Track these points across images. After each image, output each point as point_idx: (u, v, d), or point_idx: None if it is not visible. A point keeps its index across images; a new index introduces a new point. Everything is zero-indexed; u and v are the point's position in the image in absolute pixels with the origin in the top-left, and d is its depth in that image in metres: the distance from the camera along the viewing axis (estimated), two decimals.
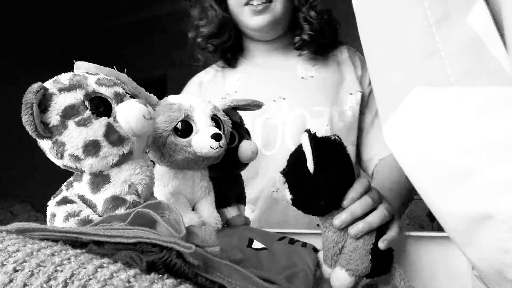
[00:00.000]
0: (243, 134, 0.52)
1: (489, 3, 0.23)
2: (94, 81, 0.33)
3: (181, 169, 0.45)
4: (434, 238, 0.49)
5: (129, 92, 0.36)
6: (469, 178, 0.23)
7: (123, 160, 0.34)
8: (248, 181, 0.78)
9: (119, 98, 0.34)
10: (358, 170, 0.82)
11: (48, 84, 0.32)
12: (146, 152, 0.43)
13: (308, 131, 0.41)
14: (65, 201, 0.33)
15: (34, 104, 0.29)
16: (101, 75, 0.35)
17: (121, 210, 0.32)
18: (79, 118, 0.31)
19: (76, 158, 0.32)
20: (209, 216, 0.46)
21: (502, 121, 0.22)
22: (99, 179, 0.33)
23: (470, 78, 0.23)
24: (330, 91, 0.76)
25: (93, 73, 0.35)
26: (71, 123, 0.31)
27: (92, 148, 0.32)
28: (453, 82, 0.23)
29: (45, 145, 0.32)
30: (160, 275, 0.21)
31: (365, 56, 0.32)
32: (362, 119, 0.79)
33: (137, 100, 0.35)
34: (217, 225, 0.46)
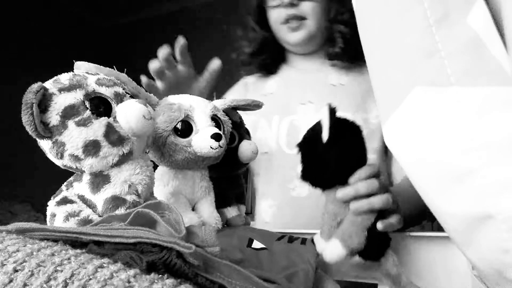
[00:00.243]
0: (243, 134, 0.52)
1: (489, 3, 0.23)
2: (94, 81, 0.33)
3: (181, 169, 0.45)
4: (434, 238, 0.49)
5: (129, 92, 0.36)
6: (469, 178, 0.23)
7: (123, 160, 0.34)
8: (267, 177, 0.81)
9: (119, 98, 0.34)
10: (387, 181, 0.81)
11: (48, 84, 0.32)
12: (146, 152, 0.43)
13: (329, 105, 0.42)
14: (65, 201, 0.33)
15: (34, 104, 0.29)
16: (101, 75, 0.35)
17: (121, 210, 0.32)
18: (79, 118, 0.31)
19: (76, 158, 0.32)
20: (209, 216, 0.46)
21: (502, 121, 0.22)
22: (99, 179, 0.33)
23: (470, 78, 0.23)
24: (356, 99, 0.78)
25: (93, 73, 0.35)
26: (71, 123, 0.31)
27: (92, 148, 0.32)
28: (453, 82, 0.23)
29: (45, 145, 0.32)
30: (160, 275, 0.21)
31: (365, 56, 0.32)
32: None
33: (137, 100, 0.35)
34: (217, 225, 0.46)
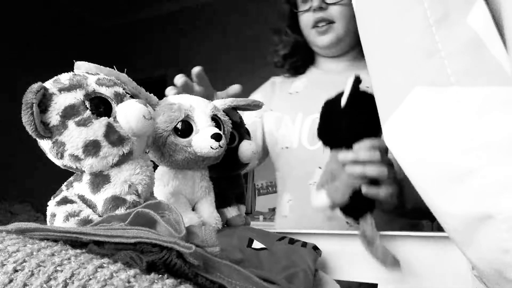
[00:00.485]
0: (243, 134, 0.52)
1: (489, 3, 0.23)
2: (94, 81, 0.33)
3: (181, 169, 0.45)
4: (434, 238, 0.49)
5: (129, 92, 0.36)
6: (469, 178, 0.23)
7: (123, 160, 0.34)
8: (287, 172, 0.83)
9: (119, 98, 0.34)
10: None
11: (48, 84, 0.32)
12: (146, 152, 0.43)
13: (356, 76, 0.47)
14: (65, 201, 0.33)
15: (34, 104, 0.29)
16: (101, 75, 0.35)
17: (121, 210, 0.32)
18: (79, 118, 0.31)
19: (76, 158, 0.32)
20: (209, 216, 0.46)
21: (502, 121, 0.22)
22: (99, 179, 0.33)
23: (470, 78, 0.23)
24: None
25: (93, 73, 0.35)
26: (71, 123, 0.31)
27: (92, 148, 0.32)
28: (453, 82, 0.23)
29: (45, 145, 0.32)
30: (160, 275, 0.21)
31: (365, 56, 0.32)
32: None
33: (137, 100, 0.35)
34: (217, 225, 0.46)
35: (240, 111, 0.55)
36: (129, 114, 0.33)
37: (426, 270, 0.49)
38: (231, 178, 0.54)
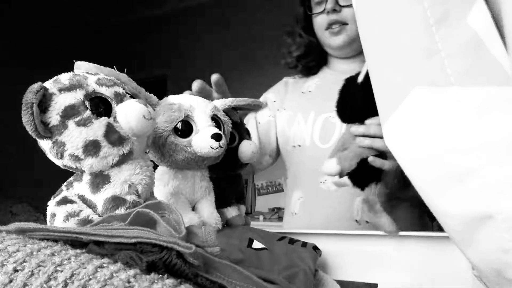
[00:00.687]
0: (243, 134, 0.52)
1: (489, 3, 0.23)
2: (94, 81, 0.33)
3: (181, 169, 0.45)
4: (434, 238, 0.49)
5: (129, 92, 0.36)
6: (469, 178, 0.23)
7: (123, 160, 0.34)
8: (298, 170, 0.84)
9: (119, 98, 0.34)
10: None
11: (48, 84, 0.32)
12: (146, 152, 0.43)
13: None
14: (65, 201, 0.33)
15: (34, 104, 0.29)
16: (101, 75, 0.35)
17: (121, 210, 0.32)
18: (79, 118, 0.31)
19: (76, 158, 0.32)
20: (209, 216, 0.46)
21: (502, 121, 0.22)
22: (99, 179, 0.33)
23: (470, 78, 0.23)
24: None
25: (93, 73, 0.35)
26: (71, 123, 0.31)
27: (92, 148, 0.32)
28: (453, 82, 0.23)
29: (45, 145, 0.32)
30: (160, 275, 0.21)
31: (365, 56, 0.32)
32: None
33: (137, 100, 0.35)
34: (217, 225, 0.46)
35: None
36: (129, 114, 0.33)
37: (426, 270, 0.49)
38: (231, 178, 0.54)
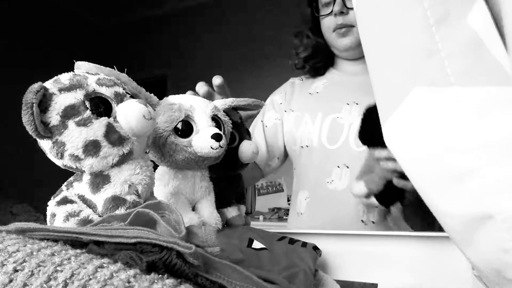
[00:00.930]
0: (244, 134, 0.52)
1: (489, 3, 0.23)
2: (94, 81, 0.33)
3: (181, 169, 0.45)
4: (434, 238, 0.49)
5: (129, 92, 0.36)
6: (469, 178, 0.23)
7: (123, 160, 0.34)
8: (305, 170, 0.85)
9: (119, 98, 0.34)
10: None
11: (48, 84, 0.32)
12: (146, 152, 0.43)
13: None
14: (65, 201, 0.33)
15: (34, 104, 0.29)
16: (102, 75, 0.35)
17: (121, 210, 0.32)
18: (79, 118, 0.31)
19: (76, 158, 0.32)
20: (209, 216, 0.46)
21: (502, 121, 0.22)
22: (99, 179, 0.33)
23: (470, 78, 0.23)
24: None
25: (93, 73, 0.35)
26: (71, 123, 0.31)
27: (92, 148, 0.32)
28: (453, 82, 0.23)
29: (45, 145, 0.32)
30: (160, 275, 0.21)
31: (365, 56, 0.32)
32: None
33: (137, 100, 0.35)
34: (217, 225, 0.46)
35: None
36: (129, 114, 0.33)
37: (426, 270, 0.49)
38: (231, 178, 0.54)
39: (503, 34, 0.23)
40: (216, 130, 0.42)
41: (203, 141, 0.41)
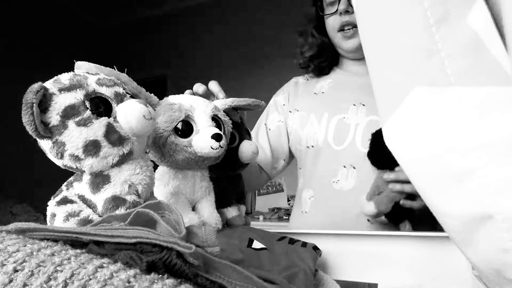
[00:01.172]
0: (244, 134, 0.52)
1: (489, 3, 0.23)
2: (94, 81, 0.33)
3: (181, 169, 0.45)
4: (434, 238, 0.49)
5: (130, 92, 0.36)
6: (469, 178, 0.23)
7: (123, 160, 0.34)
8: (311, 170, 0.84)
9: (120, 98, 0.34)
10: None
11: (49, 84, 0.32)
12: (146, 152, 0.43)
13: None
14: (65, 201, 0.33)
15: (34, 104, 0.29)
16: (102, 75, 0.35)
17: (121, 210, 0.32)
18: (79, 118, 0.31)
19: (76, 158, 0.32)
20: (209, 216, 0.46)
21: (502, 121, 0.22)
22: (99, 179, 0.33)
23: (470, 78, 0.23)
24: None
25: (93, 73, 0.35)
26: (71, 123, 0.31)
27: (92, 148, 0.32)
28: (453, 82, 0.23)
29: (45, 145, 0.32)
30: (160, 275, 0.21)
31: (365, 56, 0.32)
32: None
33: (137, 100, 0.35)
34: (217, 225, 0.46)
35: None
36: (129, 114, 0.33)
37: (426, 270, 0.49)
38: (231, 178, 0.54)
39: (503, 34, 0.23)
40: (216, 130, 0.42)
41: (203, 141, 0.41)
